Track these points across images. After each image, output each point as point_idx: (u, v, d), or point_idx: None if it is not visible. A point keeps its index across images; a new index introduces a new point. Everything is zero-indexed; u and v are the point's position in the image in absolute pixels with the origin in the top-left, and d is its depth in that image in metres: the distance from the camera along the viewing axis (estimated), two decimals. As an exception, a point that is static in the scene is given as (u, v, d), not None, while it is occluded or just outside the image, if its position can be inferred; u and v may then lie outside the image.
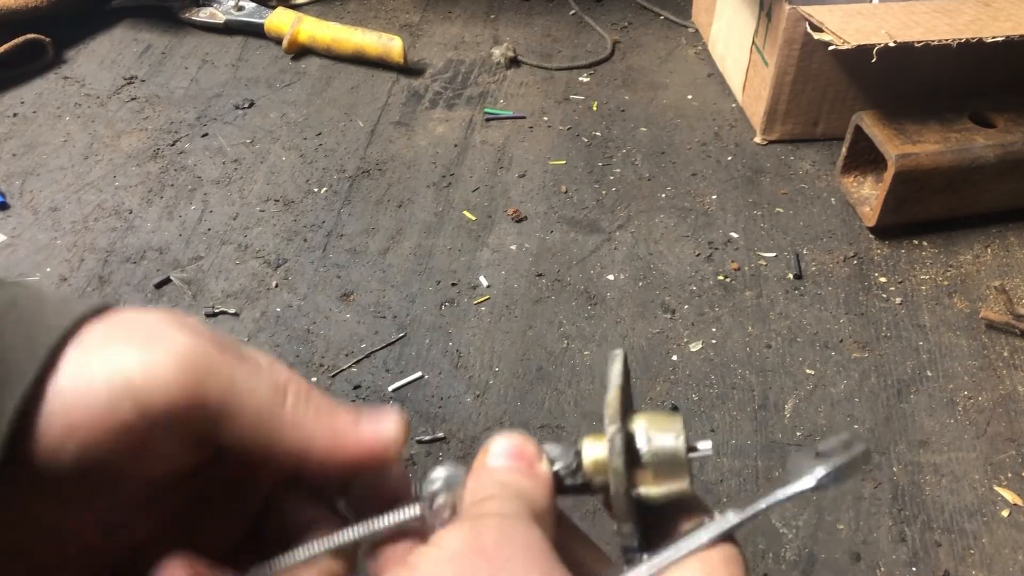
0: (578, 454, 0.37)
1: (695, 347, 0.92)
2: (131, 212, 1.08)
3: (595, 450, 0.37)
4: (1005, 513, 0.78)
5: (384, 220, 1.07)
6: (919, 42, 0.95)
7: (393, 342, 0.92)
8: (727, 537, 0.35)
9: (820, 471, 0.33)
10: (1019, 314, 0.94)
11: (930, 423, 0.85)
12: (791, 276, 1.00)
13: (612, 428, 0.35)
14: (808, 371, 0.90)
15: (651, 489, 0.36)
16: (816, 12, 1.01)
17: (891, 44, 0.94)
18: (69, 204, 1.08)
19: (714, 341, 0.92)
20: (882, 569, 0.74)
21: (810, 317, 0.95)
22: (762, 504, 0.34)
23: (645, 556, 0.36)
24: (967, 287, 0.99)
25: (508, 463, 0.38)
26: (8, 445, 0.33)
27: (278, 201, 1.10)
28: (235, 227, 1.06)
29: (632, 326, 0.94)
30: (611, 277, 1.00)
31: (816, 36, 0.99)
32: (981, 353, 0.91)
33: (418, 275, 1.00)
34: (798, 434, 0.84)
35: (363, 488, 0.40)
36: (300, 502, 0.40)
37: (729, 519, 0.35)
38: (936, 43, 0.95)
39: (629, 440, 0.35)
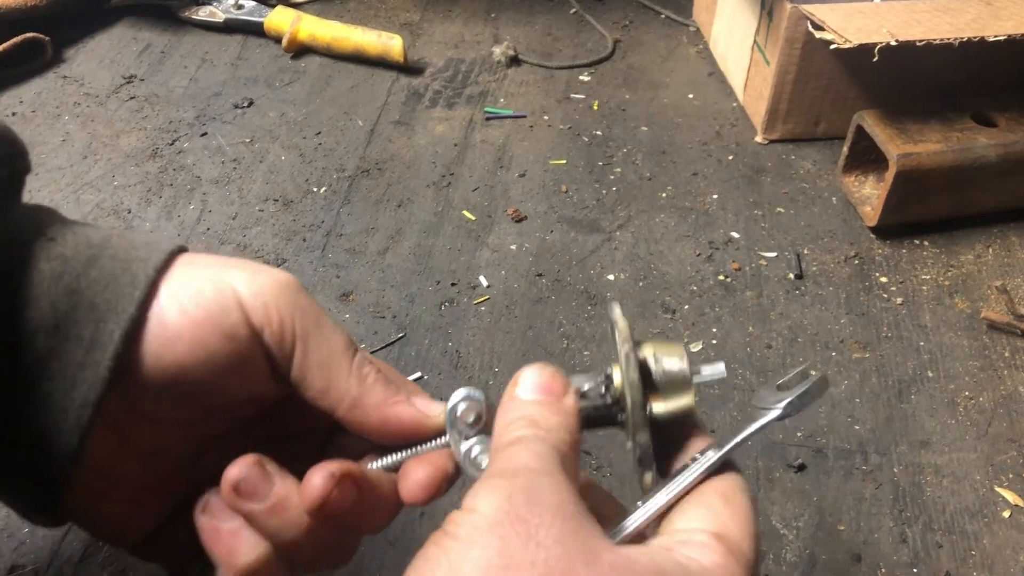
0: (608, 376, 0.42)
1: (696, 347, 0.91)
2: (130, 212, 1.08)
3: (619, 373, 0.41)
4: (1006, 514, 0.77)
5: (383, 220, 1.07)
6: (921, 41, 0.94)
7: (393, 342, 0.92)
8: (733, 468, 0.40)
9: (784, 401, 0.40)
10: (1020, 314, 0.94)
11: (931, 424, 0.85)
12: (792, 276, 0.99)
13: (626, 347, 0.40)
14: (809, 372, 0.89)
15: (661, 406, 0.40)
16: (817, 11, 1.01)
17: (893, 43, 0.94)
18: (68, 204, 1.08)
19: (715, 341, 0.92)
20: (883, 570, 0.74)
21: (811, 317, 0.95)
22: (741, 436, 0.40)
23: (657, 480, 0.40)
24: (968, 287, 0.98)
25: (537, 396, 0.39)
26: (115, 366, 0.38)
27: (277, 201, 1.09)
28: (234, 227, 1.06)
29: (633, 326, 0.93)
30: (611, 277, 0.99)
31: (817, 35, 0.99)
32: (982, 353, 0.91)
33: (418, 275, 0.99)
34: (798, 434, 0.83)
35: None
36: (354, 441, 0.45)
37: (720, 451, 0.40)
38: (938, 42, 0.94)
39: (642, 363, 0.40)
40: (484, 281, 0.98)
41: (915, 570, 0.74)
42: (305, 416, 0.45)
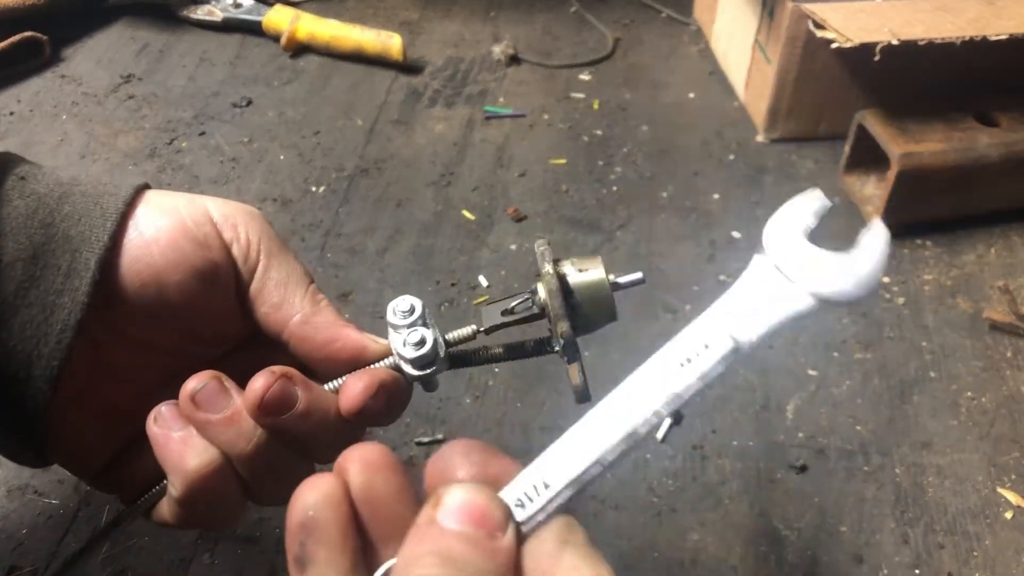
0: (533, 291, 0.46)
1: (696, 348, 0.91)
2: (128, 211, 1.07)
3: (542, 287, 0.45)
4: (1008, 515, 0.77)
5: (383, 219, 1.06)
6: (922, 40, 0.94)
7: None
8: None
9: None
10: (1023, 314, 0.93)
11: (933, 424, 0.84)
12: (793, 276, 0.99)
13: (543, 247, 0.45)
14: (811, 372, 0.89)
15: (582, 307, 0.45)
16: (819, 10, 1.01)
17: (894, 42, 0.93)
18: (66, 203, 1.07)
19: (715, 341, 0.92)
20: (885, 571, 0.73)
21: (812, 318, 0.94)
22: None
23: (582, 371, 0.45)
24: (970, 287, 0.98)
25: (463, 528, 0.30)
26: (92, 291, 0.41)
27: (276, 200, 1.09)
28: (233, 226, 1.05)
29: (633, 326, 0.93)
30: (612, 277, 0.99)
31: (819, 34, 0.98)
32: (985, 354, 0.91)
33: (417, 275, 0.99)
34: (800, 435, 0.83)
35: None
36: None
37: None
38: (939, 41, 0.94)
39: (561, 274, 0.45)
40: (484, 281, 0.98)
41: (917, 571, 0.73)
42: (267, 363, 0.46)
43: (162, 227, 0.43)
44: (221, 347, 0.48)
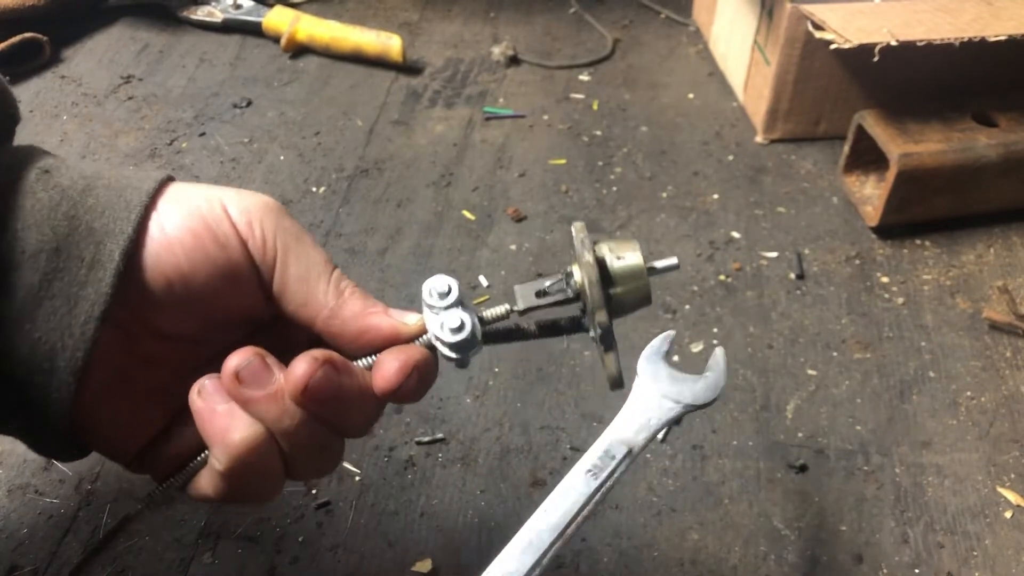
0: (568, 273, 0.46)
1: (696, 348, 0.91)
2: (128, 211, 1.07)
3: (578, 269, 0.45)
4: (1008, 514, 0.77)
5: (383, 220, 1.07)
6: (921, 41, 0.94)
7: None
8: None
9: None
10: (1022, 314, 0.93)
11: (933, 424, 0.84)
12: (793, 276, 0.99)
13: (581, 233, 0.44)
14: (810, 372, 0.89)
15: (619, 291, 0.45)
16: (818, 11, 1.01)
17: (893, 43, 0.93)
18: (66, 203, 1.07)
19: (715, 341, 0.92)
20: (885, 571, 0.73)
21: (812, 317, 0.94)
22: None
23: (618, 360, 0.45)
24: (970, 287, 0.98)
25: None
26: (117, 283, 0.41)
27: (276, 200, 1.09)
28: (233, 227, 1.05)
29: (633, 326, 0.93)
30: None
31: (818, 35, 0.99)
32: (984, 354, 0.91)
33: (417, 275, 0.99)
34: (800, 435, 0.83)
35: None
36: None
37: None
38: (938, 42, 0.94)
39: (599, 258, 0.45)
40: (484, 281, 0.98)
41: (917, 571, 0.73)
42: (293, 342, 0.47)
43: (184, 226, 0.43)
44: (250, 327, 0.49)
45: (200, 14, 1.39)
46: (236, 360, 0.41)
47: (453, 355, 0.45)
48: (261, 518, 0.76)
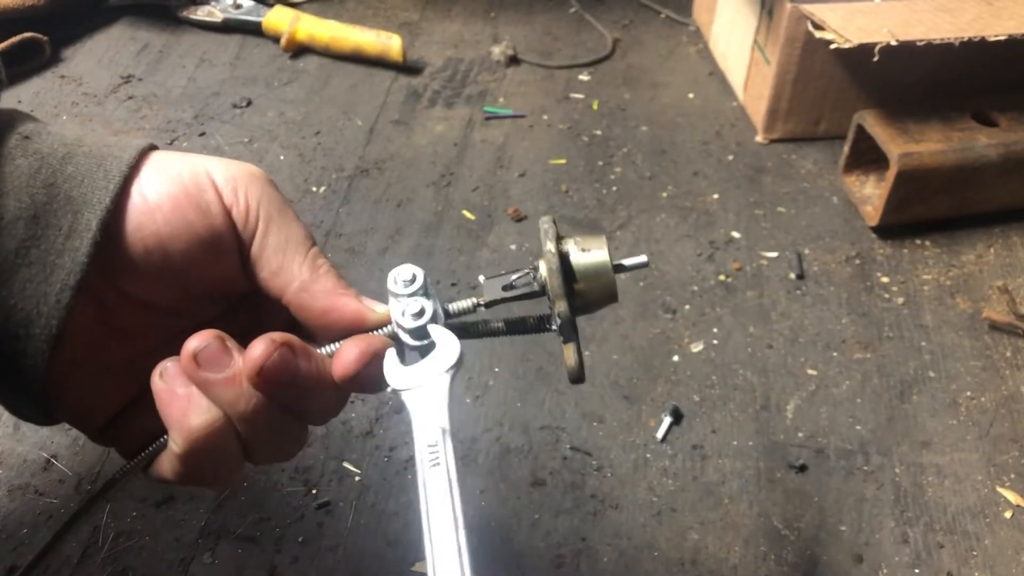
0: (535, 267, 0.45)
1: (696, 348, 0.91)
2: (128, 211, 1.07)
3: (543, 263, 0.44)
4: (1008, 514, 0.77)
5: (383, 220, 1.07)
6: (921, 41, 0.94)
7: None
8: None
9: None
10: (1022, 314, 0.93)
11: (933, 424, 0.84)
12: (793, 276, 0.99)
13: (546, 225, 0.45)
14: (810, 372, 0.89)
15: (583, 286, 0.45)
16: (818, 10, 1.01)
17: (893, 43, 0.93)
18: (66, 203, 1.07)
19: (715, 341, 0.92)
20: (884, 571, 0.73)
21: (812, 317, 0.94)
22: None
23: (578, 353, 0.44)
24: (970, 287, 0.98)
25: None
26: (94, 252, 0.41)
27: (276, 200, 1.09)
28: (233, 226, 1.05)
29: (633, 326, 0.93)
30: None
31: (818, 35, 0.99)
32: (984, 354, 0.91)
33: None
34: (800, 435, 0.83)
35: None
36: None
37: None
38: (939, 42, 0.94)
39: (564, 252, 0.45)
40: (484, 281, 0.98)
41: (917, 571, 0.73)
42: (267, 323, 0.47)
43: (165, 193, 0.43)
44: (225, 304, 0.49)
45: (200, 14, 1.39)
46: (195, 343, 0.41)
47: (413, 342, 0.44)
48: (261, 518, 0.76)
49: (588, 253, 0.46)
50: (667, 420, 0.84)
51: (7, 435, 0.82)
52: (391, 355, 0.44)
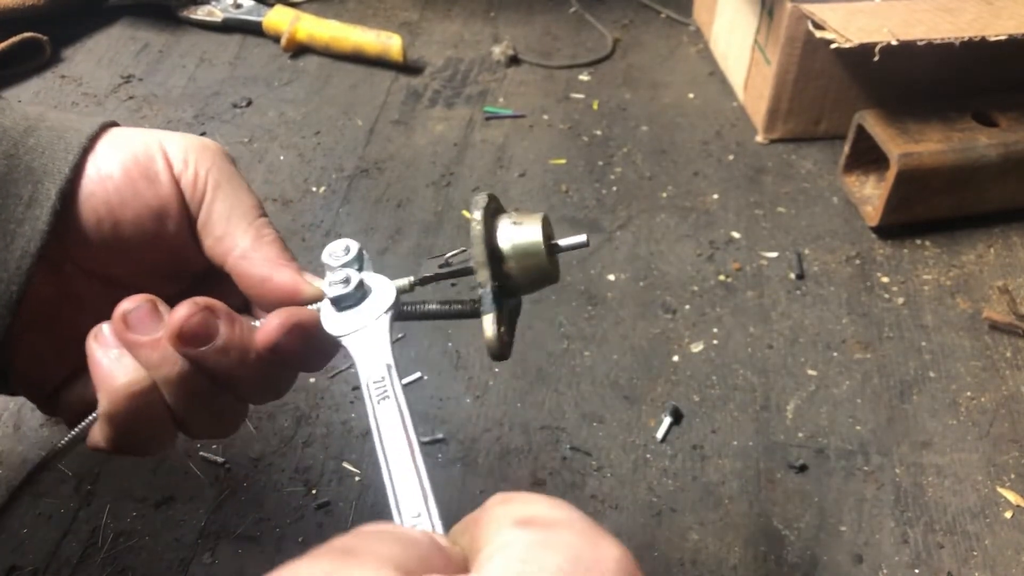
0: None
1: (696, 348, 0.91)
2: (129, 211, 1.07)
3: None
4: (1008, 514, 0.77)
5: (383, 219, 1.07)
6: (922, 41, 0.94)
7: (392, 343, 0.91)
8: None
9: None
10: (1022, 314, 0.93)
11: (933, 424, 0.84)
12: (793, 276, 0.99)
13: (477, 197, 0.44)
14: (810, 372, 0.89)
15: (513, 264, 0.44)
16: (818, 10, 1.01)
17: (893, 43, 0.93)
18: (66, 203, 1.07)
19: (715, 342, 0.92)
20: (884, 571, 0.73)
21: (812, 317, 0.94)
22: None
23: (499, 322, 0.43)
24: (970, 287, 0.98)
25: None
26: (53, 220, 0.42)
27: (276, 200, 1.09)
28: (233, 226, 1.05)
29: (633, 326, 0.93)
30: (612, 277, 0.99)
31: (818, 34, 0.99)
32: (984, 354, 0.91)
33: (417, 274, 0.99)
34: (800, 435, 0.83)
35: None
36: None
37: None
38: (939, 42, 0.94)
39: (492, 228, 0.44)
40: (484, 281, 0.98)
41: (916, 571, 0.73)
42: (226, 302, 0.47)
43: (117, 162, 0.44)
44: (182, 282, 0.49)
45: (200, 14, 1.39)
46: (126, 305, 0.42)
47: (334, 309, 0.44)
48: (261, 518, 0.76)
49: (519, 227, 0.44)
50: (667, 420, 0.84)
51: (7, 435, 0.82)
52: (327, 306, 0.44)
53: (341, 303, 0.44)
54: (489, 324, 0.44)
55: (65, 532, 0.74)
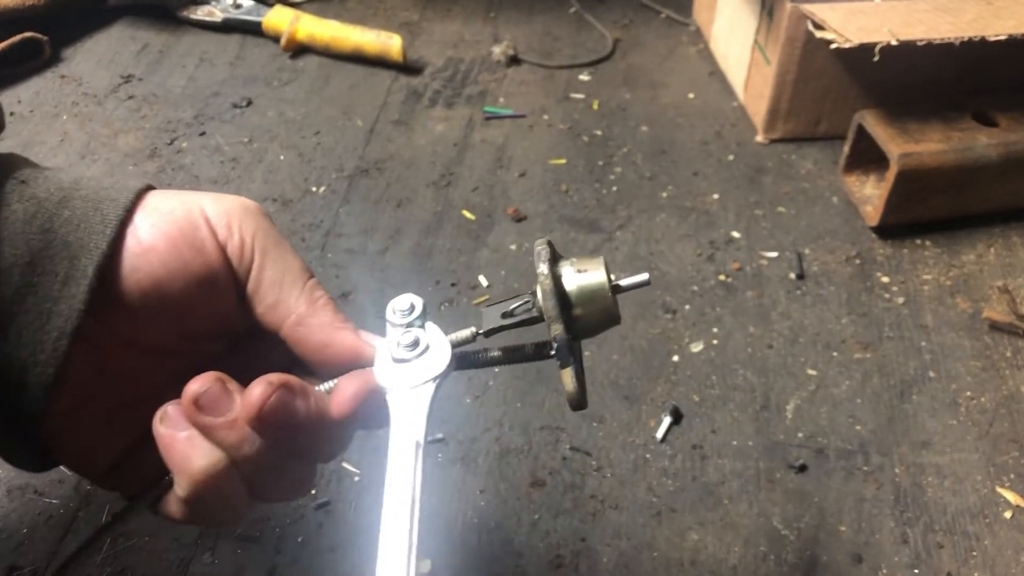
0: (533, 293, 0.44)
1: (696, 348, 0.91)
2: (128, 211, 1.07)
3: (540, 289, 0.43)
4: (1008, 515, 0.77)
5: (383, 220, 1.07)
6: (921, 40, 0.94)
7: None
8: None
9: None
10: (1022, 314, 0.93)
11: (932, 424, 0.84)
12: (793, 276, 0.99)
13: (540, 246, 0.43)
14: (810, 372, 0.89)
15: (581, 310, 0.43)
16: (818, 10, 1.01)
17: (893, 43, 0.93)
18: (66, 203, 1.07)
19: (715, 342, 0.92)
20: (884, 571, 0.73)
21: (812, 317, 0.94)
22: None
23: (577, 376, 0.43)
24: (970, 287, 0.98)
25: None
26: (90, 298, 0.40)
27: (276, 200, 1.09)
28: (233, 226, 1.05)
29: (633, 326, 0.93)
30: (612, 277, 0.99)
31: (818, 34, 0.99)
32: (984, 354, 0.91)
33: (417, 275, 0.99)
34: (800, 435, 0.83)
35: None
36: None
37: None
38: (939, 41, 0.94)
39: (559, 275, 0.43)
40: (484, 281, 0.98)
41: (916, 571, 0.73)
42: (268, 362, 0.47)
43: (160, 233, 0.43)
44: (224, 343, 0.48)
45: (200, 14, 1.39)
46: (195, 386, 0.41)
47: (390, 360, 0.44)
48: (261, 518, 0.76)
49: (584, 274, 0.44)
50: (667, 420, 0.84)
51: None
52: (382, 348, 0.44)
53: (397, 359, 0.44)
54: (569, 378, 0.44)
55: (64, 532, 0.74)
